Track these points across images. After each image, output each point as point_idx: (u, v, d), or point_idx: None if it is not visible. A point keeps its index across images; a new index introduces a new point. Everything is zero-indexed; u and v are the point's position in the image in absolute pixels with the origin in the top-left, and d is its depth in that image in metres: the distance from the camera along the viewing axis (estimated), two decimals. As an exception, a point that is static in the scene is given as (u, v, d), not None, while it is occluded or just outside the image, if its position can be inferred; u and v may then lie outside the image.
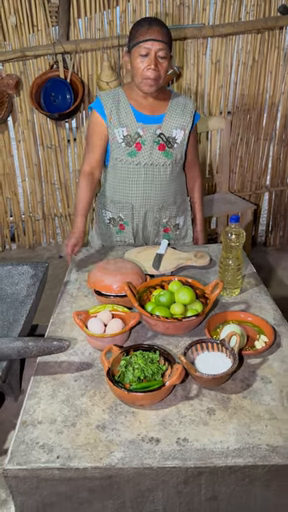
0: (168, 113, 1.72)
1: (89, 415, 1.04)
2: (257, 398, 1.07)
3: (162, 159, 1.72)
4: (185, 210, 1.90)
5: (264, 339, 1.25)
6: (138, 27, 1.56)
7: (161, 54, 1.55)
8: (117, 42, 2.79)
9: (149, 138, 1.70)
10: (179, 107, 1.73)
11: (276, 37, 2.89)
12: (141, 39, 1.53)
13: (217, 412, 1.04)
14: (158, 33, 1.53)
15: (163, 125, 1.71)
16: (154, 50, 1.53)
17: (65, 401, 1.09)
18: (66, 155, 3.26)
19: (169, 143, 1.72)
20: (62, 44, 2.79)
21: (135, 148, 1.70)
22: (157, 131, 1.70)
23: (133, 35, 1.57)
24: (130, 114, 1.69)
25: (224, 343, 1.15)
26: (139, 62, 1.56)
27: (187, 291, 1.35)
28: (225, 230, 1.46)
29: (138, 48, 1.54)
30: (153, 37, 1.52)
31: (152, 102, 1.70)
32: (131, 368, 1.11)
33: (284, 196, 3.41)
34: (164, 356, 1.14)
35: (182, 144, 1.75)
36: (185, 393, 1.10)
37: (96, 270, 1.47)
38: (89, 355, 1.24)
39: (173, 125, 1.72)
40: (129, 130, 1.69)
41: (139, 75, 1.58)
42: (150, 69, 1.55)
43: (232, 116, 3.11)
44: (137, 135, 1.69)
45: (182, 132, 1.74)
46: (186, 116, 1.73)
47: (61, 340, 1.12)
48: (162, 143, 1.71)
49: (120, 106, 1.69)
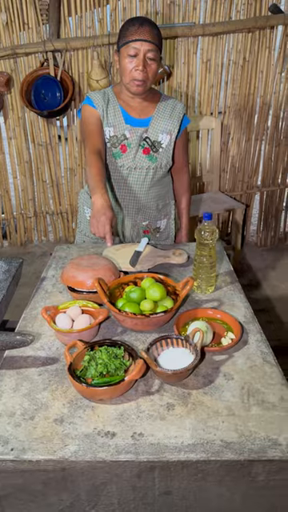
0: (155, 116, 1.70)
1: (48, 409, 1.04)
2: (217, 394, 1.08)
3: (146, 163, 1.70)
4: (167, 213, 1.88)
5: (231, 336, 1.25)
6: (128, 26, 1.54)
7: (150, 56, 1.52)
8: (107, 40, 2.80)
9: (134, 141, 1.68)
10: (167, 111, 1.71)
11: (267, 36, 2.89)
12: (130, 39, 1.51)
13: (176, 407, 1.04)
14: (149, 33, 1.51)
15: (149, 128, 1.69)
16: (143, 50, 1.51)
17: (26, 394, 1.09)
18: (58, 153, 3.28)
19: (154, 147, 1.69)
20: (52, 42, 2.80)
21: (120, 150, 1.69)
22: (143, 135, 1.68)
23: (122, 34, 1.55)
24: (118, 114, 1.68)
25: (188, 339, 1.15)
26: (127, 62, 1.54)
27: (158, 288, 1.35)
28: (198, 228, 1.46)
29: (126, 48, 1.52)
30: (143, 37, 1.50)
31: (140, 104, 1.68)
32: (94, 363, 1.11)
33: (275, 196, 3.40)
34: (128, 351, 1.15)
35: (167, 149, 1.72)
36: (146, 388, 1.10)
37: (69, 266, 1.47)
38: (56, 350, 1.24)
39: (159, 129, 1.69)
40: (116, 131, 1.68)
41: (127, 75, 1.56)
42: (137, 70, 1.53)
43: (223, 116, 3.11)
44: (123, 137, 1.68)
45: (168, 137, 1.71)
46: (174, 120, 1.71)
47: (24, 334, 1.12)
48: (146, 147, 1.69)
49: (109, 106, 1.68)
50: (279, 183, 3.36)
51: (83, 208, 1.89)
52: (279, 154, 3.26)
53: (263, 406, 1.03)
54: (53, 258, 1.79)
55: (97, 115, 1.67)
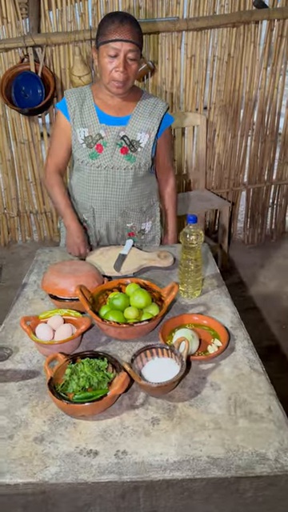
0: (134, 114, 1.63)
1: (28, 427, 1.00)
2: (203, 405, 1.04)
3: (124, 163, 1.64)
4: (152, 215, 1.82)
5: (217, 343, 1.22)
6: (108, 24, 1.45)
7: (130, 56, 1.46)
8: (89, 35, 2.73)
9: (110, 140, 1.62)
10: (147, 109, 1.65)
11: (252, 31, 2.84)
12: (110, 38, 1.43)
13: (161, 422, 1.00)
14: (129, 32, 1.44)
15: (127, 127, 1.63)
16: (124, 51, 1.44)
17: (5, 411, 1.04)
18: (40, 151, 3.20)
19: (132, 147, 1.63)
20: (32, 37, 2.72)
21: (96, 150, 1.63)
22: (120, 133, 1.62)
23: (102, 31, 1.47)
24: (93, 114, 1.62)
25: (173, 349, 1.11)
26: (107, 62, 1.47)
27: (142, 294, 1.31)
28: (183, 231, 1.42)
29: (106, 47, 1.45)
30: (123, 37, 1.43)
31: (119, 103, 1.62)
32: (76, 377, 1.07)
33: (261, 193, 3.38)
34: (112, 363, 1.11)
35: (146, 148, 1.65)
36: (131, 401, 1.06)
37: (50, 272, 1.42)
38: (37, 363, 1.19)
39: (138, 127, 1.63)
40: (90, 131, 1.63)
41: (107, 76, 1.50)
42: (118, 71, 1.47)
43: (208, 112, 3.07)
44: (98, 136, 1.62)
45: (147, 135, 1.64)
46: (153, 119, 1.64)
47: (1, 348, 1.07)
48: (124, 146, 1.63)
49: (84, 106, 1.63)
50: (265, 180, 3.34)
51: None
52: (265, 151, 3.23)
53: (251, 417, 1.00)
54: (35, 263, 1.73)
55: (65, 127, 1.65)
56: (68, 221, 1.69)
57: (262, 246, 3.47)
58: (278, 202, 3.43)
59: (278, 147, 3.27)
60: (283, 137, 3.22)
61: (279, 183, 3.36)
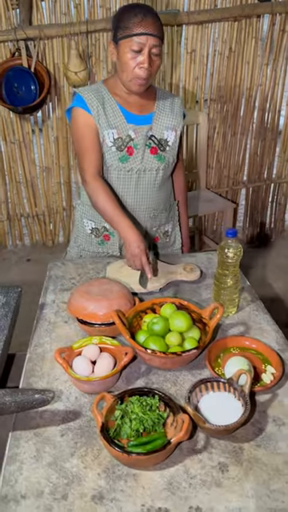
0: (157, 112, 1.54)
1: (82, 482, 0.88)
2: (272, 445, 0.95)
3: (155, 164, 1.54)
4: (173, 215, 1.74)
5: (271, 370, 1.13)
6: (130, 16, 1.33)
7: (155, 51, 1.36)
8: (85, 28, 2.57)
9: (141, 142, 1.51)
10: (167, 105, 1.56)
11: (253, 25, 2.75)
12: (134, 31, 1.32)
13: (230, 468, 0.90)
14: (154, 26, 1.33)
15: (153, 125, 1.53)
16: (149, 45, 1.33)
17: (52, 464, 0.92)
18: (32, 151, 3.02)
19: (161, 146, 1.54)
20: (23, 29, 2.53)
21: (127, 153, 1.51)
22: (148, 133, 1.52)
23: (123, 24, 1.34)
24: (118, 113, 1.49)
25: (232, 383, 1.01)
26: (130, 57, 1.36)
27: (183, 317, 1.20)
28: (221, 245, 1.32)
29: (129, 41, 1.33)
30: (148, 30, 1.32)
31: (138, 100, 1.51)
32: (128, 419, 0.95)
33: (261, 192, 3.32)
34: (164, 401, 1.00)
35: (173, 146, 1.58)
36: (191, 445, 0.95)
37: (77, 294, 1.29)
38: (75, 401, 1.07)
39: (163, 125, 1.55)
40: (119, 133, 1.49)
41: (129, 72, 1.39)
42: (142, 67, 1.36)
43: (208, 109, 2.96)
44: (128, 138, 1.50)
45: (174, 133, 1.57)
46: (176, 115, 1.57)
47: (43, 392, 0.95)
48: (153, 146, 1.53)
49: (106, 105, 1.48)
50: (265, 178, 3.28)
51: (82, 221, 1.69)
52: (265, 148, 3.16)
53: None
54: (48, 279, 1.59)
55: (91, 124, 1.47)
56: (124, 230, 1.40)
57: (262, 246, 3.42)
58: (277, 200, 3.38)
59: (278, 145, 3.21)
60: (283, 134, 3.16)
61: (279, 181, 3.30)
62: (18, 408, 0.93)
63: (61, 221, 3.30)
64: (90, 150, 1.48)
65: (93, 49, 2.67)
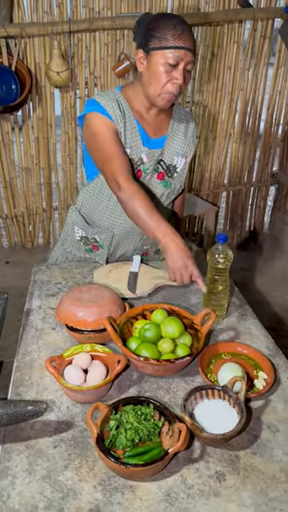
0: (170, 135, 1.47)
1: (77, 496, 0.86)
2: (268, 453, 0.95)
3: (160, 189, 1.49)
4: None
5: (263, 376, 1.13)
6: (169, 27, 1.24)
7: (189, 68, 1.29)
8: (67, 28, 2.53)
9: (151, 166, 1.45)
10: (181, 129, 1.48)
11: (235, 31, 2.78)
12: (173, 44, 1.23)
13: (227, 476, 0.90)
14: (192, 41, 1.26)
15: (165, 149, 1.46)
16: (186, 61, 1.26)
17: (46, 477, 0.89)
18: (11, 151, 2.96)
19: (169, 172, 1.48)
20: (4, 27, 2.47)
21: (136, 175, 1.44)
22: (158, 157, 1.46)
23: (159, 34, 1.25)
24: (136, 133, 1.41)
25: (227, 390, 1.01)
26: (163, 71, 1.27)
27: (175, 323, 1.19)
28: (211, 250, 1.31)
29: (165, 53, 1.24)
30: (187, 45, 1.24)
31: (155, 117, 1.43)
32: (123, 429, 0.94)
33: (241, 195, 3.36)
34: (159, 410, 0.98)
35: (181, 173, 1.52)
36: (187, 454, 0.94)
37: (67, 300, 1.26)
38: (67, 411, 1.04)
39: (174, 150, 1.48)
40: (133, 154, 1.41)
41: (159, 87, 1.29)
42: (176, 83, 1.28)
43: (190, 112, 2.98)
44: (140, 161, 1.43)
45: (184, 160, 1.50)
46: (189, 141, 1.50)
47: (36, 403, 0.92)
48: (161, 171, 1.47)
49: (126, 120, 1.38)
50: (245, 182, 3.32)
51: (73, 227, 1.63)
52: (245, 152, 3.20)
53: None
54: (33, 283, 1.56)
55: (113, 128, 1.35)
56: (168, 238, 1.25)
57: (242, 248, 3.46)
58: (257, 203, 3.42)
59: (258, 149, 3.26)
60: (263, 138, 3.21)
61: (259, 185, 3.35)
62: (11, 420, 0.90)
63: (40, 222, 3.25)
64: (116, 154, 1.33)
65: (75, 49, 2.64)
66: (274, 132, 3.17)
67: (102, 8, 2.59)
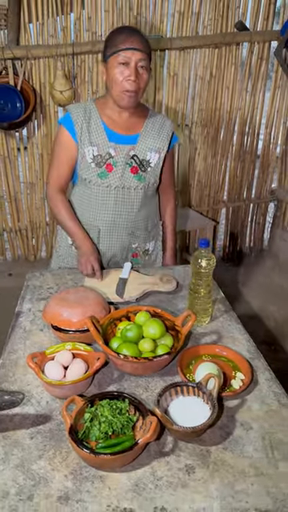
0: (143, 133, 1.59)
1: (48, 483, 0.88)
2: (239, 449, 0.97)
3: (134, 183, 1.59)
4: (156, 234, 1.77)
5: (240, 377, 1.15)
6: (117, 35, 1.43)
7: (141, 65, 1.42)
8: (71, 50, 2.65)
9: (121, 160, 1.56)
10: (155, 127, 1.61)
11: (233, 52, 2.88)
12: (120, 47, 1.40)
13: (196, 470, 0.92)
14: (139, 42, 1.41)
15: (137, 146, 1.58)
16: (135, 59, 1.41)
17: (19, 466, 0.92)
18: (16, 166, 3.06)
19: (142, 166, 1.59)
20: (11, 49, 2.61)
21: (106, 169, 1.57)
22: (130, 152, 1.57)
23: (110, 43, 1.44)
24: (101, 132, 1.56)
25: (201, 387, 1.03)
26: (117, 72, 1.43)
27: (156, 324, 1.22)
28: (194, 255, 1.35)
29: (116, 57, 1.41)
30: (134, 46, 1.40)
31: (127, 120, 1.57)
32: (97, 422, 0.96)
33: (240, 211, 3.40)
34: (134, 405, 1.01)
35: (156, 168, 1.62)
36: (159, 447, 0.96)
37: (53, 301, 1.31)
38: (46, 405, 1.07)
39: (147, 146, 1.59)
40: (100, 150, 1.56)
41: (117, 86, 1.45)
42: (129, 80, 1.42)
43: (189, 131, 3.06)
44: (108, 155, 1.56)
45: (157, 155, 1.61)
46: (163, 138, 1.61)
47: (13, 393, 0.95)
48: (134, 166, 1.58)
49: (91, 123, 1.55)
50: (244, 198, 3.37)
51: (63, 232, 1.72)
52: (244, 170, 3.26)
53: (290, 460, 0.94)
54: (26, 288, 1.61)
55: (70, 145, 1.57)
56: (80, 240, 1.60)
57: (242, 264, 3.48)
58: (256, 220, 3.46)
59: (257, 166, 3.31)
60: (262, 156, 3.27)
61: (258, 202, 3.39)
62: (-13, 409, 0.93)
63: (43, 236, 3.32)
64: (56, 167, 1.60)
65: (78, 70, 2.76)
66: (272, 150, 3.23)
67: (104, 31, 2.71)
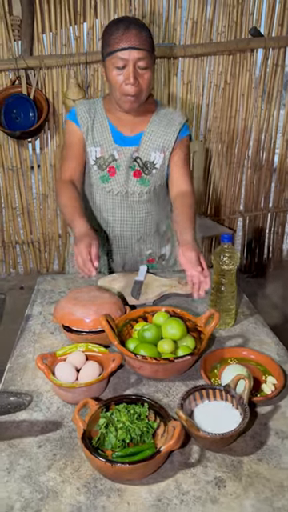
0: (147, 132, 1.44)
1: (58, 497, 0.77)
2: (275, 459, 0.84)
3: (138, 187, 1.46)
4: (170, 237, 1.64)
5: (272, 381, 1.04)
6: (112, 31, 1.26)
7: (141, 65, 1.26)
8: (84, 59, 2.64)
9: (124, 163, 1.44)
10: (162, 123, 1.44)
11: (247, 59, 2.83)
12: (116, 47, 1.25)
13: (227, 483, 0.80)
14: (137, 38, 1.24)
15: (141, 147, 1.44)
16: (133, 60, 1.25)
17: (25, 477, 0.81)
18: (29, 178, 3.03)
19: (146, 169, 1.45)
20: (24, 59, 2.60)
21: (108, 173, 1.45)
22: (133, 155, 1.43)
23: (106, 41, 1.29)
24: (107, 132, 1.44)
25: (229, 390, 0.92)
26: (115, 75, 1.28)
27: (177, 324, 1.12)
28: (216, 251, 1.26)
29: (112, 58, 1.27)
30: (130, 44, 1.23)
31: (132, 119, 1.43)
32: (113, 428, 0.85)
33: (258, 221, 3.30)
34: (154, 409, 0.90)
35: (161, 169, 1.47)
36: (183, 458, 0.85)
37: (65, 300, 1.22)
38: (56, 411, 0.97)
39: (151, 146, 1.44)
40: (103, 151, 1.44)
41: (117, 91, 1.31)
42: (128, 83, 1.27)
43: (204, 139, 3.00)
44: (111, 158, 1.44)
45: (162, 154, 1.45)
46: (169, 135, 1.43)
47: (19, 395, 0.85)
48: (137, 169, 1.45)
49: (96, 121, 1.44)
50: (262, 207, 3.27)
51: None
52: (261, 178, 3.17)
53: None
54: (37, 292, 1.52)
55: (79, 135, 1.45)
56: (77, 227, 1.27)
57: (260, 275, 3.35)
58: (274, 229, 3.35)
59: (274, 174, 3.23)
60: (279, 164, 3.18)
61: (276, 211, 3.29)
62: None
63: (56, 248, 3.26)
64: (69, 159, 1.46)
65: (91, 79, 2.74)
66: (289, 158, 3.15)
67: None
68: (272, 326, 1.33)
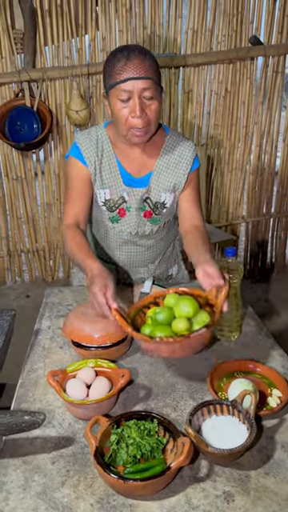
0: (156, 171, 1.38)
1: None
2: (282, 473, 0.87)
3: (149, 226, 1.43)
4: (175, 257, 1.66)
5: (277, 394, 1.06)
6: (113, 62, 1.20)
7: (147, 95, 1.20)
8: (86, 71, 2.68)
9: (134, 205, 1.40)
10: (172, 161, 1.38)
11: (247, 67, 2.86)
12: (118, 79, 1.18)
13: (236, 497, 0.82)
14: (140, 67, 1.17)
15: (150, 187, 1.39)
16: (137, 91, 1.18)
17: (41, 494, 0.84)
18: (34, 187, 3.07)
19: (156, 209, 1.41)
20: (27, 72, 2.64)
21: (118, 214, 1.41)
22: (143, 196, 1.40)
23: (107, 73, 1.23)
24: (116, 173, 1.38)
25: (236, 405, 0.95)
26: (120, 108, 1.21)
27: (188, 301, 1.07)
28: (220, 265, 1.28)
29: (115, 91, 1.20)
30: (133, 74, 1.17)
31: (139, 156, 1.37)
32: (124, 444, 0.88)
33: (260, 226, 3.32)
34: (163, 425, 0.93)
35: (172, 207, 1.44)
36: (192, 472, 0.88)
37: (73, 316, 1.25)
38: (68, 427, 1.00)
39: (162, 187, 1.39)
40: (112, 194, 1.39)
41: (123, 125, 1.24)
42: (135, 116, 1.21)
43: (206, 146, 3.03)
44: (121, 200, 1.39)
45: (173, 195, 1.41)
46: (179, 175, 1.38)
47: (33, 413, 0.88)
48: (148, 210, 1.41)
49: (104, 161, 1.36)
50: (264, 213, 3.29)
51: None
52: (263, 184, 3.20)
53: None
54: (45, 305, 1.55)
55: (86, 175, 1.37)
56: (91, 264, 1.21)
57: (264, 280, 3.38)
58: (277, 234, 3.37)
59: (276, 180, 3.25)
60: (280, 169, 3.21)
61: (278, 216, 3.31)
62: (6, 431, 0.86)
63: (61, 256, 3.29)
64: (73, 201, 1.38)
65: (94, 90, 2.78)
66: (291, 163, 3.18)
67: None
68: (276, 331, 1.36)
